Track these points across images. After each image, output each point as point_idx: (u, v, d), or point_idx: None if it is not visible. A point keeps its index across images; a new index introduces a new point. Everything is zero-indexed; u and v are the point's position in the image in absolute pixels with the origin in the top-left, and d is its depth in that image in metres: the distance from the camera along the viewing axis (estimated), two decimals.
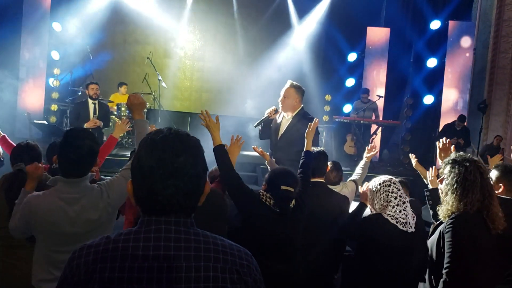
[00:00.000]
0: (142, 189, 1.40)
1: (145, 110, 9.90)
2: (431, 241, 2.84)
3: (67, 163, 2.50)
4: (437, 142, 3.78)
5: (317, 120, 4.09)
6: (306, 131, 3.90)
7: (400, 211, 3.23)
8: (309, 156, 3.77)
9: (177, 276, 1.34)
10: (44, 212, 2.44)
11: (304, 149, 3.82)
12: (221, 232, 3.08)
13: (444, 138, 3.72)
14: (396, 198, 3.26)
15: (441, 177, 2.94)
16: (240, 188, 3.33)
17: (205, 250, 1.39)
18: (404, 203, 3.27)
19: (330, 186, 4.12)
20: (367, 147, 4.80)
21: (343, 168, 4.67)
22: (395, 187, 3.30)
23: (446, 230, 2.71)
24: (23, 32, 10.79)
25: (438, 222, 2.92)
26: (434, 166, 3.93)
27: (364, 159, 4.75)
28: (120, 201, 2.62)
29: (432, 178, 3.71)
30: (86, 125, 7.61)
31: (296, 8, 12.79)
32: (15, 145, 3.74)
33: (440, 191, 2.94)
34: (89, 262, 1.36)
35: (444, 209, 2.81)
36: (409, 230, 3.22)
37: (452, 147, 3.66)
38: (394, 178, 3.41)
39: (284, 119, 4.98)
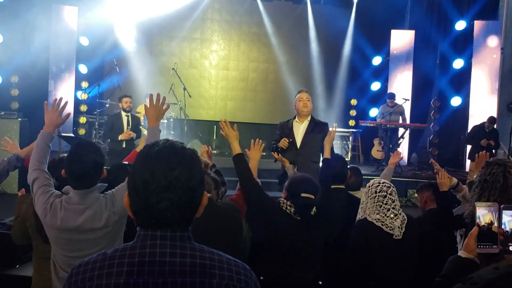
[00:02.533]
0: (137, 203, 1.39)
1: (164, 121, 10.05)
2: None
3: (73, 176, 2.60)
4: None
5: (335, 126, 4.15)
6: (326, 138, 3.94)
7: (387, 220, 3.20)
8: (327, 163, 3.77)
9: None
10: (52, 220, 2.53)
11: (323, 157, 3.83)
12: (237, 246, 3.06)
13: (484, 152, 3.73)
14: (389, 210, 3.22)
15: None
16: (259, 196, 3.34)
17: (201, 265, 1.37)
18: (396, 215, 3.23)
19: (350, 192, 4.11)
20: (391, 153, 4.79)
21: (371, 173, 4.67)
22: (390, 198, 3.25)
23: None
24: (51, 46, 11.04)
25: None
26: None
27: (389, 165, 4.73)
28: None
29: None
30: (120, 137, 7.94)
31: (318, 14, 12.78)
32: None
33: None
34: (85, 279, 1.36)
35: (466, 212, 2.80)
36: (395, 236, 3.19)
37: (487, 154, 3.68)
38: (392, 186, 3.35)
39: (298, 126, 5.17)
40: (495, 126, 10.05)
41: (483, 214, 1.90)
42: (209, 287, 1.34)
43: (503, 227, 1.92)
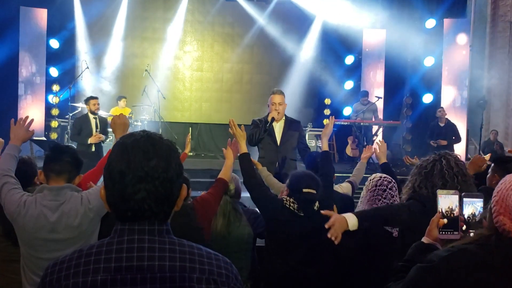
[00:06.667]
0: (113, 194, 1.35)
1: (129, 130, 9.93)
2: None
3: (50, 172, 2.67)
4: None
5: (332, 118, 4.22)
6: (323, 130, 4.00)
7: None
8: (327, 156, 3.78)
9: None
10: (26, 218, 2.52)
11: (322, 149, 3.85)
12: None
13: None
14: (387, 204, 3.25)
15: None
16: (263, 195, 3.38)
17: (180, 260, 1.34)
18: None
19: None
20: (364, 148, 4.83)
21: (346, 171, 4.71)
22: (389, 193, 3.28)
23: None
24: (20, 49, 10.86)
25: None
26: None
27: (361, 160, 4.77)
28: (103, 208, 2.64)
29: None
30: (90, 140, 7.61)
31: (291, 13, 12.80)
32: None
33: None
34: (61, 278, 1.32)
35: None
36: (394, 234, 3.22)
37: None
38: (393, 182, 3.38)
39: (274, 125, 5.20)
40: (446, 116, 10.10)
41: (444, 202, 1.98)
42: (189, 281, 1.32)
43: (464, 213, 2.01)
